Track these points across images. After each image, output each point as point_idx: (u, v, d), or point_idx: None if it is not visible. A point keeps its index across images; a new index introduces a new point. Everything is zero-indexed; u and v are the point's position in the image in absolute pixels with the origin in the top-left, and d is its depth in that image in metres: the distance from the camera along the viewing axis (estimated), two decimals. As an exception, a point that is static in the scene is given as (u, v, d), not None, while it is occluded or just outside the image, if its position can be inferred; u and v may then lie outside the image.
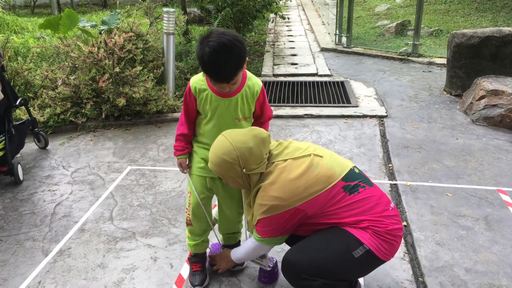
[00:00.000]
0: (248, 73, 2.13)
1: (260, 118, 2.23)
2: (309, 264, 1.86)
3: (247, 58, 1.99)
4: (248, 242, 2.13)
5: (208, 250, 2.50)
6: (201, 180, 2.22)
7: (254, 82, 2.12)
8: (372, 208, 1.87)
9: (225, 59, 1.84)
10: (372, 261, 1.87)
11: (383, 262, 1.90)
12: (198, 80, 2.10)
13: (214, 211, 2.47)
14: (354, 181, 1.90)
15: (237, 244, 2.51)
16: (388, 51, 7.25)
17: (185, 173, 2.28)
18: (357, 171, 1.97)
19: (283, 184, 1.84)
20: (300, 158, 1.91)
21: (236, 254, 2.23)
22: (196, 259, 2.40)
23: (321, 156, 1.92)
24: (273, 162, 1.93)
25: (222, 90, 2.02)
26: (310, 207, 1.84)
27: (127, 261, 2.59)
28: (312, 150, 1.95)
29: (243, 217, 2.38)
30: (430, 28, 8.24)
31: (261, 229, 1.95)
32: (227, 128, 2.10)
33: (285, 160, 1.91)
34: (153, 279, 2.43)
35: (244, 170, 1.89)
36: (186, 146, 2.24)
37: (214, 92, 2.07)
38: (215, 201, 2.37)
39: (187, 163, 2.27)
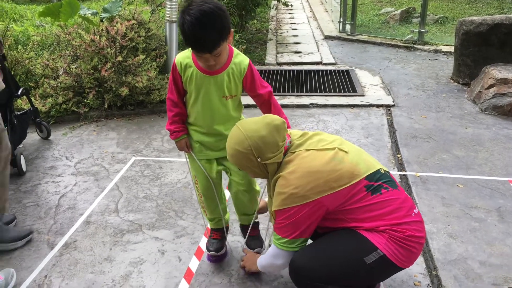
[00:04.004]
0: (235, 50, 2.06)
1: (260, 97, 2.14)
2: (317, 269, 1.79)
3: (232, 30, 1.91)
4: (270, 249, 2.02)
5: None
6: (201, 163, 2.23)
7: (240, 59, 2.05)
8: (393, 211, 1.77)
9: (206, 28, 1.77)
10: (387, 267, 1.77)
11: (400, 269, 1.81)
12: (183, 57, 2.03)
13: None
14: (378, 181, 1.81)
15: (256, 223, 2.43)
16: (393, 39, 7.15)
17: (190, 152, 2.22)
18: (383, 172, 1.87)
19: (304, 174, 1.76)
20: (323, 150, 1.82)
21: (261, 261, 2.10)
22: (217, 228, 2.44)
23: (346, 152, 1.83)
24: (294, 152, 1.84)
25: (207, 63, 1.93)
26: (330, 202, 1.76)
27: (134, 254, 2.54)
28: (337, 144, 1.85)
29: (259, 199, 2.34)
30: (436, 15, 8.12)
31: (279, 226, 1.86)
32: (214, 108, 2.07)
33: (308, 150, 1.83)
34: (161, 273, 2.39)
35: (259, 160, 1.82)
36: (184, 126, 2.19)
37: (199, 70, 2.00)
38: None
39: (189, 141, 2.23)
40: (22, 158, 3.45)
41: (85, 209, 2.99)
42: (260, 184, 2.48)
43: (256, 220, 2.43)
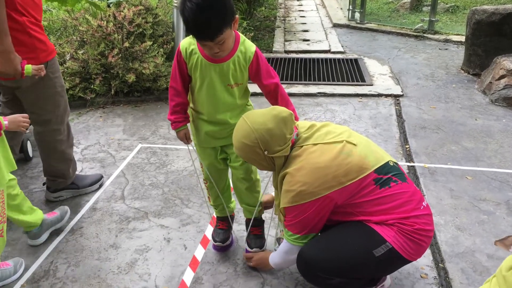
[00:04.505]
0: (242, 37, 1.99)
1: (265, 88, 2.07)
2: (326, 262, 1.77)
3: (237, 17, 1.84)
4: (281, 245, 2.01)
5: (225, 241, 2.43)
6: (206, 151, 2.22)
7: (247, 46, 1.98)
8: (402, 205, 1.75)
9: (208, 14, 1.71)
10: (395, 260, 1.76)
11: (408, 261, 1.80)
12: (188, 42, 1.97)
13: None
14: (386, 174, 1.78)
15: (260, 220, 2.39)
16: (403, 28, 7.05)
17: (189, 143, 2.20)
18: (392, 164, 1.84)
19: (311, 170, 1.73)
20: (331, 143, 1.78)
21: (274, 259, 2.09)
22: (223, 218, 2.42)
23: (354, 144, 1.79)
24: (302, 146, 1.81)
25: (211, 51, 1.87)
26: (339, 196, 1.74)
27: (140, 241, 2.54)
28: (345, 137, 1.81)
29: (262, 191, 2.32)
30: (446, 4, 7.99)
31: (289, 223, 1.84)
32: (219, 96, 2.02)
33: (315, 144, 1.79)
34: (167, 261, 2.39)
35: (266, 153, 1.79)
36: (185, 116, 2.14)
37: (204, 57, 1.94)
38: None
39: (189, 132, 2.20)
40: (28, 143, 3.45)
41: (91, 196, 2.99)
42: (263, 180, 2.46)
43: (260, 217, 2.38)
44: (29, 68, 2.30)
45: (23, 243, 2.54)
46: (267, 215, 2.50)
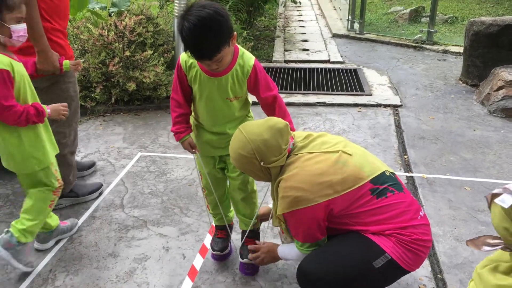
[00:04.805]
0: (241, 50, 2.00)
1: (262, 100, 2.08)
2: (325, 274, 1.76)
3: (235, 33, 1.85)
4: (294, 253, 1.99)
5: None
6: (205, 159, 2.24)
7: (245, 60, 1.99)
8: (399, 215, 1.75)
9: (204, 35, 1.73)
10: (394, 271, 1.76)
11: (407, 272, 1.79)
12: (188, 56, 1.98)
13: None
14: (383, 184, 1.78)
15: (255, 232, 2.39)
16: (402, 38, 7.10)
17: (195, 152, 2.20)
18: (388, 174, 1.84)
19: (306, 177, 1.74)
20: (327, 153, 1.80)
21: (284, 253, 2.08)
22: (222, 227, 2.44)
23: (350, 154, 1.80)
24: (297, 154, 1.83)
25: (209, 68, 1.90)
26: (335, 205, 1.74)
27: (139, 250, 2.54)
28: (341, 147, 1.83)
29: (259, 202, 2.33)
30: (445, 15, 8.06)
31: (295, 233, 1.86)
32: (217, 109, 2.04)
33: (311, 153, 1.81)
34: (166, 270, 2.39)
35: (262, 163, 1.81)
36: (187, 126, 2.15)
37: (203, 71, 1.97)
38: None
39: (193, 141, 2.20)
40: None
41: (91, 204, 2.99)
42: (260, 190, 2.47)
43: (254, 228, 2.37)
44: (67, 63, 2.57)
45: (22, 251, 2.54)
46: (264, 223, 2.51)
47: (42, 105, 2.24)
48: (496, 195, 1.31)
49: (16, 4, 2.07)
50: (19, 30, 2.11)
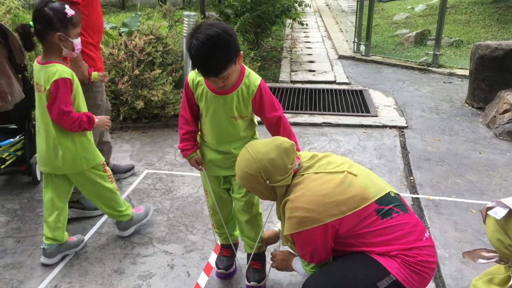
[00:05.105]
0: (247, 70, 2.05)
1: (267, 121, 2.11)
2: None
3: (241, 53, 1.91)
4: (303, 271, 1.98)
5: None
6: (211, 179, 2.26)
7: (251, 80, 2.03)
8: (404, 236, 1.75)
9: (211, 52, 1.79)
10: None
11: None
12: (195, 74, 2.06)
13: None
14: (388, 205, 1.79)
15: (260, 254, 2.39)
16: (408, 61, 7.16)
17: (202, 169, 2.23)
18: (393, 195, 1.85)
19: (312, 197, 1.76)
20: (333, 173, 1.82)
21: (296, 267, 2.06)
22: (227, 244, 2.44)
23: (355, 175, 1.82)
24: (303, 174, 1.85)
25: (215, 85, 1.95)
26: (341, 226, 1.75)
27: (144, 267, 2.55)
28: (346, 167, 1.85)
29: (264, 222, 2.33)
30: (451, 38, 8.13)
31: (302, 253, 1.87)
32: (222, 127, 2.08)
33: (316, 173, 1.83)
34: (170, 287, 2.39)
35: (268, 182, 1.83)
36: (194, 143, 2.20)
37: (209, 89, 2.02)
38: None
39: (200, 159, 2.24)
40: (37, 167, 3.49)
41: (97, 220, 3.01)
42: (266, 209, 2.47)
43: (259, 252, 2.36)
44: (95, 74, 2.82)
45: (27, 266, 2.56)
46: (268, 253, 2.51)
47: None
48: (490, 208, 1.35)
49: (78, 20, 2.37)
50: (78, 43, 2.40)
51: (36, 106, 2.48)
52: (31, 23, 2.33)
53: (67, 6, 2.32)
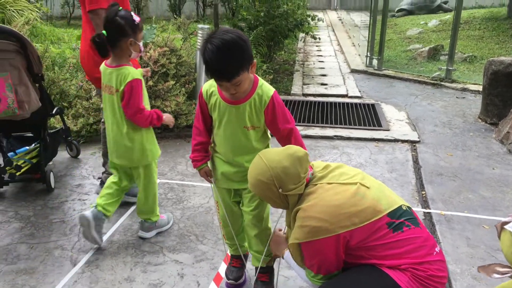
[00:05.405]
0: (261, 81, 2.07)
1: (278, 132, 2.10)
2: None
3: (255, 61, 1.94)
4: (302, 274, 1.97)
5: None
6: (222, 191, 2.28)
7: (264, 90, 2.05)
8: (415, 250, 1.75)
9: (225, 56, 1.82)
10: None
11: None
12: (210, 84, 2.10)
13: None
14: (399, 218, 1.79)
15: (269, 268, 2.37)
16: (420, 75, 7.15)
17: (211, 182, 2.26)
18: (404, 208, 1.85)
19: (326, 207, 1.76)
20: (345, 184, 1.82)
21: (291, 262, 2.02)
22: (237, 256, 2.45)
23: (368, 187, 1.82)
24: (316, 184, 1.85)
25: (228, 92, 1.97)
26: (352, 237, 1.75)
27: (154, 276, 2.56)
28: (359, 179, 1.85)
29: (272, 230, 2.32)
30: (464, 53, 8.12)
31: (310, 263, 1.85)
32: (235, 137, 2.10)
33: (330, 183, 1.83)
34: (180, 297, 2.40)
35: (280, 190, 1.83)
36: (205, 155, 2.22)
37: (222, 99, 2.05)
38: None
39: (210, 170, 2.26)
40: (51, 175, 3.55)
41: (109, 228, 3.04)
42: (274, 221, 2.47)
43: (267, 265, 2.35)
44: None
45: (40, 272, 2.59)
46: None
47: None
48: (506, 223, 1.34)
49: (142, 26, 2.64)
50: (141, 46, 2.64)
51: (105, 106, 2.73)
52: (104, 32, 2.53)
53: (133, 14, 2.57)
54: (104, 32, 2.52)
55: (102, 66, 2.67)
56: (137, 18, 2.56)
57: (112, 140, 2.74)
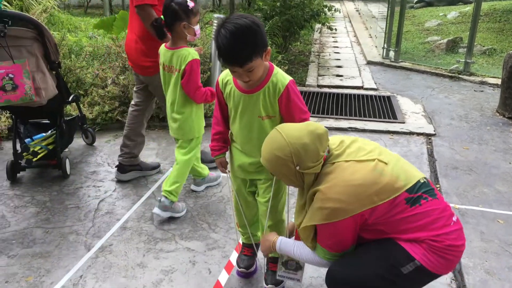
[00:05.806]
0: (276, 69, 2.03)
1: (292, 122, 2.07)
2: (354, 280, 1.77)
3: (269, 48, 1.90)
4: (309, 253, 1.96)
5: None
6: (237, 180, 2.30)
7: (279, 79, 2.00)
8: (432, 222, 1.73)
9: (239, 41, 1.79)
10: (424, 276, 1.75)
11: (437, 276, 1.76)
12: (226, 74, 2.10)
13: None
14: (417, 192, 1.76)
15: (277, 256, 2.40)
16: (438, 68, 7.04)
17: (226, 172, 2.27)
18: (422, 181, 1.81)
19: (345, 188, 1.73)
20: (363, 161, 1.78)
21: (286, 248, 2.03)
22: (248, 244, 2.47)
23: (386, 163, 1.78)
24: (333, 163, 1.80)
25: (241, 79, 1.93)
26: (371, 215, 1.74)
27: (166, 262, 2.60)
28: (377, 155, 1.81)
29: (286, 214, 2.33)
30: (483, 46, 7.96)
31: (326, 243, 1.83)
32: (250, 127, 2.08)
33: (347, 161, 1.79)
34: (191, 283, 2.42)
35: (297, 168, 1.78)
36: (223, 145, 2.24)
37: (237, 88, 2.04)
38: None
39: (227, 162, 2.28)
40: (67, 161, 3.61)
41: (122, 214, 3.08)
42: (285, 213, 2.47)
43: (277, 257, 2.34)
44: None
45: (55, 256, 2.64)
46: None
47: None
48: None
49: (198, 10, 2.82)
50: (197, 29, 2.84)
51: (165, 85, 2.96)
52: (161, 17, 2.79)
53: (188, 0, 2.74)
54: (162, 17, 2.78)
55: (162, 48, 2.89)
56: (191, 4, 2.74)
57: (170, 116, 3.03)
